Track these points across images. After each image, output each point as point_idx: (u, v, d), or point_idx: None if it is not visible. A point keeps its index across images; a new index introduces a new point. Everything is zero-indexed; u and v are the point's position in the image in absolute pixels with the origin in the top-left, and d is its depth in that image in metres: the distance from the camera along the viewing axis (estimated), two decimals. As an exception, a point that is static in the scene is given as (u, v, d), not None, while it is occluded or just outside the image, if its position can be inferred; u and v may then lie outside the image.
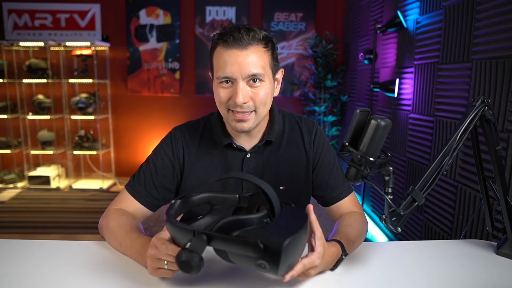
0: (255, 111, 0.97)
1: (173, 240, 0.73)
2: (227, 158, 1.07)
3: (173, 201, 0.78)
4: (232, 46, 0.92)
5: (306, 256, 0.76)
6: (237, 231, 0.65)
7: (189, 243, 0.66)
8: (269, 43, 0.97)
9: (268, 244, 0.61)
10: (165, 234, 0.74)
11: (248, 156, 1.07)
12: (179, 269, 0.66)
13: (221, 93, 0.96)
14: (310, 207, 0.79)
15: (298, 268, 0.73)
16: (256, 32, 0.94)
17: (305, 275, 0.78)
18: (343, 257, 0.87)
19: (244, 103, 0.94)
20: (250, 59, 0.92)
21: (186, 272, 0.65)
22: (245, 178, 0.75)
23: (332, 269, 0.88)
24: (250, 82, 0.94)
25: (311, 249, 0.78)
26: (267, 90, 0.97)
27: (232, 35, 0.91)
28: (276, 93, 1.06)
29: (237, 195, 0.83)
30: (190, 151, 1.08)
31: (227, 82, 0.95)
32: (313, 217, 0.79)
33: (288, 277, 0.70)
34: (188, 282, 0.81)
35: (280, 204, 0.74)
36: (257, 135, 1.08)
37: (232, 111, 0.97)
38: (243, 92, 0.93)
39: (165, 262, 0.73)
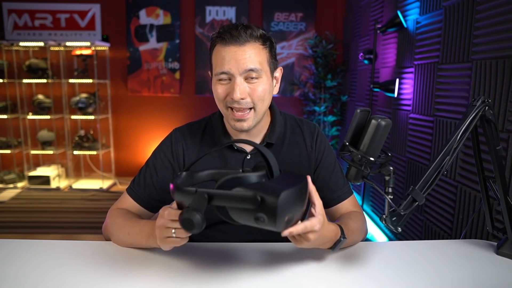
0: (253, 108, 0.97)
1: (179, 208, 0.75)
2: (227, 159, 1.07)
3: (179, 173, 0.81)
4: (229, 43, 0.93)
5: (307, 219, 0.77)
6: (236, 188, 0.67)
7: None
8: (267, 41, 0.98)
9: (265, 196, 0.63)
10: (172, 204, 0.76)
11: (248, 157, 1.07)
12: (184, 231, 0.68)
13: (219, 90, 0.97)
14: (309, 177, 0.79)
15: (299, 227, 0.73)
16: (254, 30, 0.95)
17: (303, 238, 0.79)
18: (342, 239, 0.88)
19: (242, 98, 0.94)
20: (247, 55, 0.93)
21: (188, 231, 0.67)
22: (243, 142, 0.80)
23: (332, 247, 0.89)
24: (248, 78, 0.95)
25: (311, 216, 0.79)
26: (265, 87, 0.97)
27: (230, 33, 0.93)
28: (276, 91, 1.06)
29: (241, 170, 0.85)
30: (190, 152, 1.08)
31: (225, 79, 0.96)
32: (312, 187, 0.80)
33: (287, 232, 0.71)
34: (188, 281, 0.81)
35: (279, 169, 0.76)
36: (258, 137, 1.08)
37: (232, 109, 0.97)
38: (241, 88, 0.93)
39: (173, 230, 0.75)
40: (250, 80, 0.95)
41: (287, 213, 0.67)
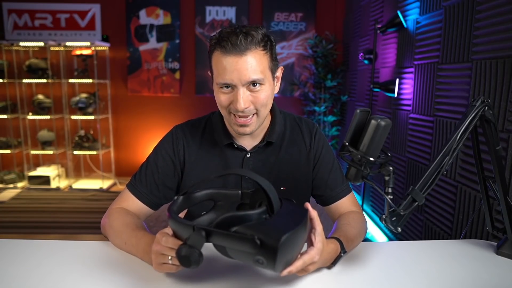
0: (256, 113, 0.97)
1: (175, 235, 0.73)
2: (227, 157, 1.08)
3: (175, 197, 0.78)
4: (230, 53, 0.90)
5: (306, 252, 0.76)
6: (236, 227, 0.65)
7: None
8: (268, 44, 0.95)
9: (265, 240, 0.61)
10: (168, 230, 0.75)
11: (248, 155, 1.07)
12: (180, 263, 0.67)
13: (221, 98, 0.96)
14: (307, 204, 0.79)
15: (298, 264, 0.73)
16: (254, 36, 0.91)
17: (303, 270, 0.79)
18: (342, 254, 0.88)
19: (246, 108, 0.94)
20: (249, 65, 0.91)
21: (186, 267, 0.66)
22: (244, 174, 0.75)
23: (330, 266, 0.88)
24: (250, 86, 0.94)
25: (310, 244, 0.79)
26: (267, 93, 0.96)
27: (230, 41, 0.90)
28: (276, 90, 1.05)
29: (240, 191, 0.84)
30: (191, 150, 1.09)
31: (227, 87, 0.94)
32: (314, 213, 0.79)
33: (285, 272, 0.70)
34: (187, 281, 0.81)
35: (280, 199, 0.74)
36: (259, 136, 1.09)
37: (234, 115, 0.97)
38: (244, 97, 0.93)
39: (169, 257, 0.74)
40: (252, 88, 0.94)
41: (286, 255, 0.65)
